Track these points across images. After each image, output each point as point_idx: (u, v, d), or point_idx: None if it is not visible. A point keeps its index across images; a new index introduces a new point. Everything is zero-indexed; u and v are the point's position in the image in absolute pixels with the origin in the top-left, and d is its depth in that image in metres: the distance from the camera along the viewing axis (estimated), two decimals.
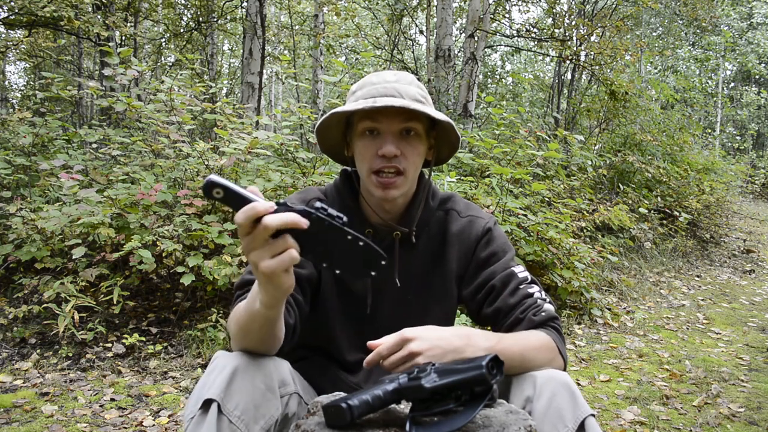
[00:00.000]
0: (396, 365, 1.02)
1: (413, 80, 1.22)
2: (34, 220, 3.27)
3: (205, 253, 3.28)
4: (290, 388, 1.11)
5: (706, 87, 15.34)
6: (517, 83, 13.81)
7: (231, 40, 15.62)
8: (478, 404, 0.89)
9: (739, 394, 2.95)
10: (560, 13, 9.93)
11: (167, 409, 2.51)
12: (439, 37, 7.48)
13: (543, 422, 1.03)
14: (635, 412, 2.67)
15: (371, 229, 1.27)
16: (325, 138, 1.29)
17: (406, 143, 1.18)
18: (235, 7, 10.69)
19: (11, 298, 3.38)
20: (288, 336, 1.13)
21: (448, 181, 4.27)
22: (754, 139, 22.19)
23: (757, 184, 14.41)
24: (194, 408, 0.97)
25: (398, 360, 1.03)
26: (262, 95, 6.54)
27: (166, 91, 3.90)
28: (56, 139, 4.38)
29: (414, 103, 1.14)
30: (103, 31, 7.40)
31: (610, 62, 8.32)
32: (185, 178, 3.90)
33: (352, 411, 0.90)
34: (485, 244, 1.28)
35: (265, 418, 1.01)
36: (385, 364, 1.03)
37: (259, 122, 5.11)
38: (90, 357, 2.97)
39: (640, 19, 14.69)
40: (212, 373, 1.01)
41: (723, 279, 6.30)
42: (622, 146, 8.10)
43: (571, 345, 3.71)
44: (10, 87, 16.91)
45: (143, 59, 11.53)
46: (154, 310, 3.43)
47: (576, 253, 4.40)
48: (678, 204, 7.63)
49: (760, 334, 4.22)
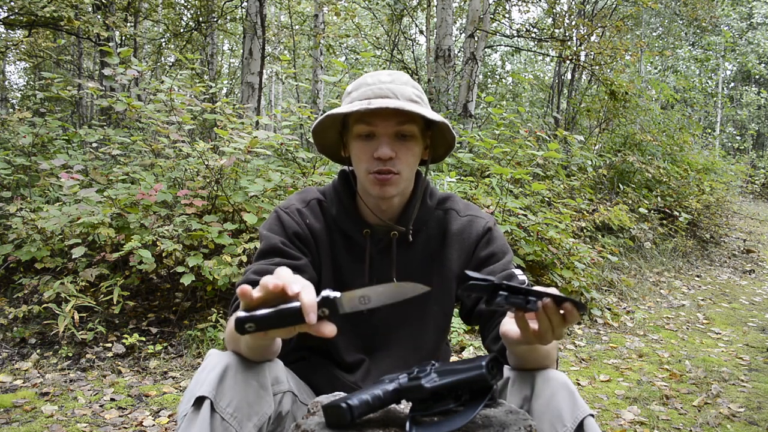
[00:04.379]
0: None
1: (408, 80, 1.21)
2: (34, 220, 3.27)
3: (205, 253, 3.28)
4: (284, 386, 1.11)
5: (706, 87, 15.33)
6: (517, 83, 13.81)
7: (231, 40, 15.62)
8: (478, 404, 0.89)
9: (739, 394, 2.95)
10: (560, 13, 9.94)
11: (167, 409, 2.51)
12: (439, 37, 7.48)
13: (542, 422, 1.03)
14: (635, 412, 2.67)
15: (369, 229, 1.27)
16: (322, 139, 1.29)
17: (401, 144, 1.17)
18: (235, 7, 10.69)
19: (11, 298, 3.38)
20: (285, 346, 1.13)
21: (448, 181, 4.27)
22: (754, 139, 22.19)
23: (757, 184, 14.41)
24: (187, 405, 0.97)
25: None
26: (262, 95, 6.54)
27: (166, 91, 3.90)
28: (56, 139, 4.38)
29: (409, 104, 1.14)
30: (103, 31, 7.39)
31: (610, 62, 8.32)
32: (185, 178, 3.90)
33: (352, 411, 0.90)
34: (485, 243, 1.28)
35: (258, 416, 1.01)
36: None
37: (259, 122, 5.11)
38: (90, 357, 2.97)
39: (640, 19, 14.69)
40: (204, 371, 1.01)
41: (723, 279, 6.30)
42: (622, 146, 8.10)
43: (571, 345, 3.71)
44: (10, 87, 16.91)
45: (143, 59, 11.53)
46: (154, 310, 3.43)
47: (576, 253, 4.40)
48: (678, 204, 7.63)
49: (760, 334, 4.22)
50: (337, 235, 1.27)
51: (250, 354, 1.03)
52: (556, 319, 0.91)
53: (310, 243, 1.24)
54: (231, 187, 3.77)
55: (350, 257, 1.27)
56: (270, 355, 1.07)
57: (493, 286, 0.88)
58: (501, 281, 0.89)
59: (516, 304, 0.90)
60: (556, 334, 0.93)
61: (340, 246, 1.27)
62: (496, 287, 0.89)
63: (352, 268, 1.27)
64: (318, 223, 1.26)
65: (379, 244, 1.27)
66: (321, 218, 1.27)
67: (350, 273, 1.27)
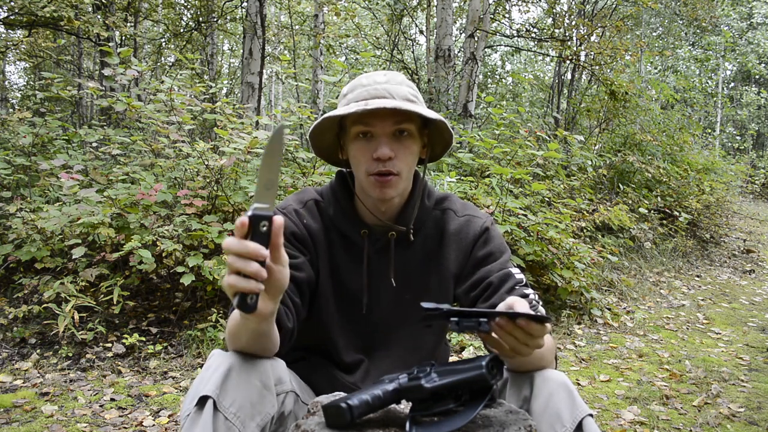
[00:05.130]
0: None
1: (404, 80, 1.21)
2: (34, 220, 3.27)
3: (205, 253, 3.28)
4: (286, 386, 1.11)
5: (706, 87, 15.33)
6: (517, 83, 13.81)
7: (231, 40, 15.62)
8: (478, 404, 0.89)
9: (739, 394, 2.95)
10: (560, 13, 9.94)
11: (167, 409, 2.51)
12: (439, 37, 7.48)
13: (541, 422, 1.03)
14: (635, 412, 2.67)
15: (367, 230, 1.27)
16: (319, 141, 1.28)
17: (399, 144, 1.17)
18: (235, 7, 10.69)
19: (11, 298, 3.38)
20: (286, 340, 1.13)
21: (448, 181, 4.27)
22: (754, 139, 22.19)
23: (757, 184, 14.41)
24: (190, 405, 0.97)
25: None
26: (262, 95, 6.54)
27: (166, 91, 3.90)
28: (56, 139, 4.38)
29: (406, 104, 1.14)
30: (103, 31, 7.40)
31: (610, 62, 8.32)
32: (185, 178, 3.90)
33: (352, 411, 0.90)
34: (483, 243, 1.28)
35: (261, 415, 1.01)
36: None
37: (259, 122, 5.11)
38: (90, 357, 2.97)
39: (640, 19, 14.69)
40: (208, 371, 1.01)
41: (723, 279, 6.30)
42: (622, 146, 8.09)
43: (571, 345, 3.71)
44: (10, 87, 16.91)
45: (143, 59, 11.53)
46: (154, 310, 3.43)
47: (576, 253, 4.40)
48: (678, 204, 7.63)
49: (760, 334, 4.22)
50: (335, 236, 1.27)
51: (251, 343, 1.03)
52: (519, 334, 0.89)
53: (307, 243, 1.24)
54: (231, 187, 3.77)
55: (348, 258, 1.27)
56: (270, 345, 1.06)
57: (444, 313, 0.89)
58: (451, 309, 0.89)
59: (469, 328, 0.90)
60: (531, 346, 0.91)
61: (338, 246, 1.27)
62: (447, 314, 0.89)
63: (350, 268, 1.27)
64: (315, 223, 1.26)
65: (376, 245, 1.27)
66: (318, 219, 1.27)
67: (348, 273, 1.27)
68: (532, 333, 0.88)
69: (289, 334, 1.13)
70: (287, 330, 1.12)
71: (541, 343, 0.92)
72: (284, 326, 1.11)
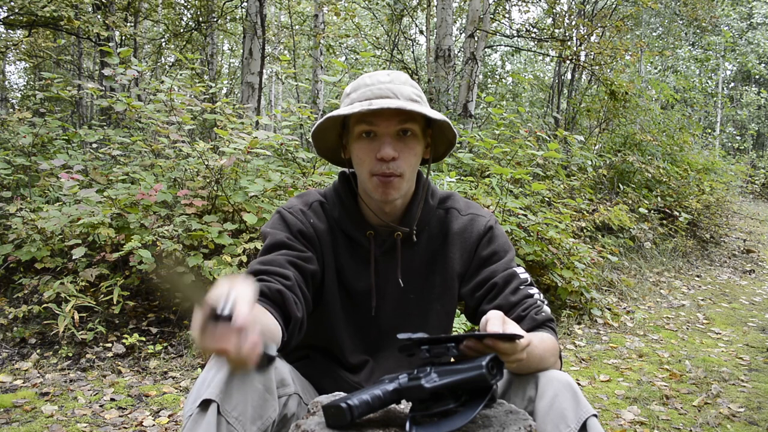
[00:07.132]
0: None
1: (407, 79, 1.21)
2: (34, 220, 3.27)
3: (205, 253, 3.28)
4: (290, 389, 1.11)
5: (706, 87, 15.32)
6: (517, 83, 13.80)
7: (231, 40, 15.62)
8: (478, 404, 0.89)
9: (739, 394, 2.95)
10: (560, 13, 9.93)
11: (167, 409, 2.51)
12: (439, 37, 7.48)
13: (545, 422, 1.03)
14: (635, 412, 2.67)
15: (372, 231, 1.27)
16: (322, 141, 1.28)
17: (403, 144, 1.17)
18: (235, 7, 10.69)
19: (11, 298, 3.38)
20: (296, 331, 1.12)
21: (448, 181, 4.27)
22: (754, 139, 22.19)
23: (757, 184, 14.41)
24: (192, 406, 0.97)
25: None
26: (262, 95, 6.55)
27: (166, 91, 3.90)
28: (56, 139, 4.38)
29: (410, 104, 1.13)
30: (103, 31, 7.40)
31: (610, 62, 8.31)
32: (185, 178, 3.90)
33: (352, 411, 0.90)
34: (487, 242, 1.28)
35: (262, 419, 1.01)
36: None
37: (259, 122, 5.12)
38: (90, 357, 2.97)
39: (640, 19, 14.69)
40: (211, 371, 1.00)
41: (723, 279, 6.30)
42: (622, 146, 8.09)
43: (571, 345, 3.71)
44: (10, 87, 16.91)
45: (143, 59, 11.53)
46: (154, 310, 3.43)
47: (576, 253, 4.40)
48: (678, 204, 7.63)
49: (760, 334, 4.22)
50: (340, 237, 1.27)
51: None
52: (492, 352, 0.92)
53: (314, 242, 1.24)
54: (231, 187, 3.77)
55: (353, 259, 1.27)
56: (270, 342, 1.05)
57: (416, 342, 0.93)
58: (421, 338, 0.93)
59: (439, 354, 0.93)
60: (510, 361, 0.95)
61: (343, 248, 1.27)
62: (419, 343, 0.93)
63: (356, 269, 1.27)
64: (321, 224, 1.26)
65: (382, 246, 1.27)
66: (324, 220, 1.27)
67: (354, 274, 1.27)
68: (501, 351, 0.92)
69: (298, 324, 1.12)
70: (296, 320, 1.11)
71: (519, 357, 0.95)
72: (294, 316, 1.10)
